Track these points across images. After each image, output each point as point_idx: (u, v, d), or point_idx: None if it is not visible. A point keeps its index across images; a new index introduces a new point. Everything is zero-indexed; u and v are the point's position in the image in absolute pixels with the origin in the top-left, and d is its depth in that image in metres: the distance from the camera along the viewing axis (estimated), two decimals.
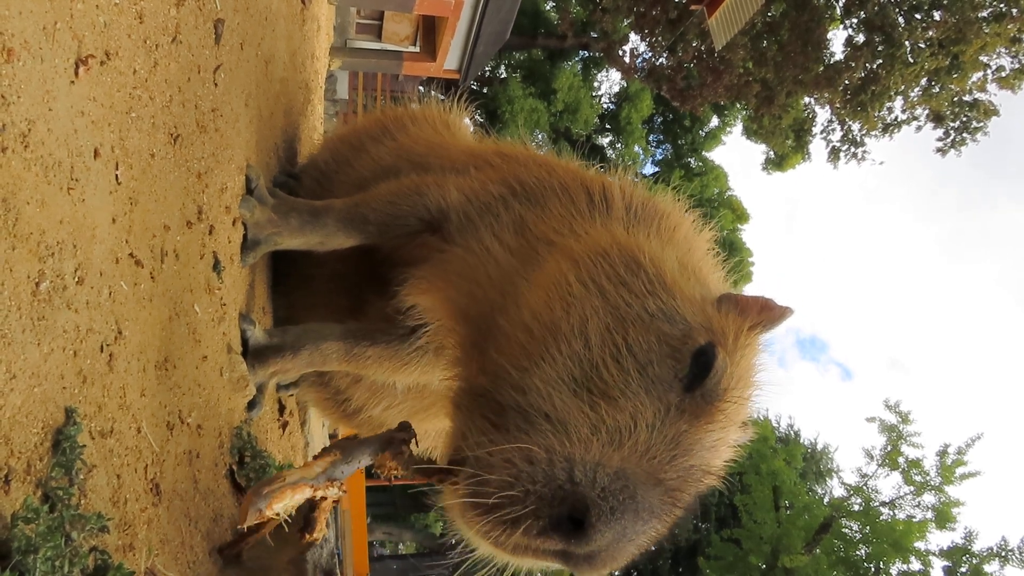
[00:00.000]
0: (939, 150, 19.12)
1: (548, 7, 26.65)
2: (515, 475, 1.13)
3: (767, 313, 1.52)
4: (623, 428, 1.20)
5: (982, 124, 18.45)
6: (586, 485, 1.11)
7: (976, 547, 13.75)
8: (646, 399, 1.26)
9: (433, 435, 2.47)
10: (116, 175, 1.25)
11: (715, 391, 1.34)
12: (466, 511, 1.18)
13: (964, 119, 18.60)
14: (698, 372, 1.34)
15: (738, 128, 27.57)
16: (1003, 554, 13.46)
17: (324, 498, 1.31)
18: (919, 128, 19.41)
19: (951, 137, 18.89)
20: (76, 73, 1.11)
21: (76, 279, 1.09)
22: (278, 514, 1.20)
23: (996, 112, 18.20)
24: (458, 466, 1.22)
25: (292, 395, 2.85)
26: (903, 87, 18.12)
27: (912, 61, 17.47)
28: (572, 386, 1.26)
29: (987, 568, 13.47)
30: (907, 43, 17.35)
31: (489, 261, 1.71)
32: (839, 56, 18.73)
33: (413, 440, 1.36)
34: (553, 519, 1.11)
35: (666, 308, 1.41)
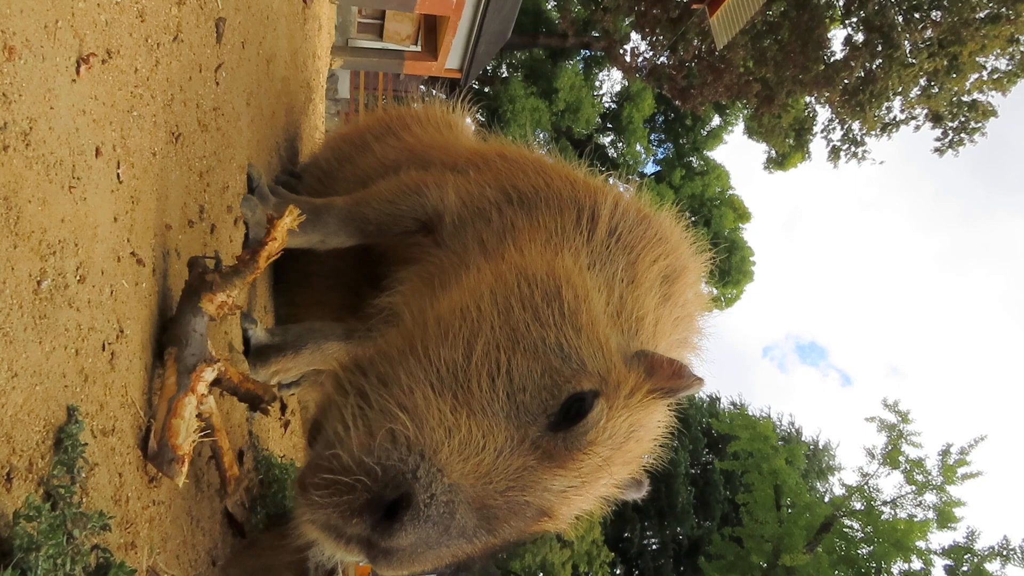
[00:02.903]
0: (937, 150, 19.10)
1: (549, 6, 26.62)
2: (369, 449, 1.16)
3: (675, 381, 1.46)
4: (473, 443, 1.21)
5: (980, 125, 18.41)
6: (422, 485, 1.13)
7: (978, 546, 13.73)
8: (503, 423, 1.26)
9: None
10: (118, 174, 1.25)
11: (578, 440, 1.31)
12: (310, 474, 1.18)
13: (962, 119, 18.57)
14: (567, 415, 1.31)
15: (740, 127, 27.55)
16: (1005, 553, 13.44)
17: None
18: (917, 128, 19.39)
19: (949, 137, 18.87)
20: (77, 72, 1.11)
21: (78, 277, 1.09)
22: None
23: (994, 113, 18.15)
24: (316, 434, 1.27)
25: (293, 394, 2.84)
26: (902, 87, 18.09)
27: (911, 61, 17.45)
28: (437, 387, 1.26)
29: (988, 567, 13.46)
30: (906, 43, 17.32)
31: (462, 265, 1.70)
32: (839, 56, 18.71)
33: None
34: (377, 500, 1.12)
35: (565, 345, 1.39)
